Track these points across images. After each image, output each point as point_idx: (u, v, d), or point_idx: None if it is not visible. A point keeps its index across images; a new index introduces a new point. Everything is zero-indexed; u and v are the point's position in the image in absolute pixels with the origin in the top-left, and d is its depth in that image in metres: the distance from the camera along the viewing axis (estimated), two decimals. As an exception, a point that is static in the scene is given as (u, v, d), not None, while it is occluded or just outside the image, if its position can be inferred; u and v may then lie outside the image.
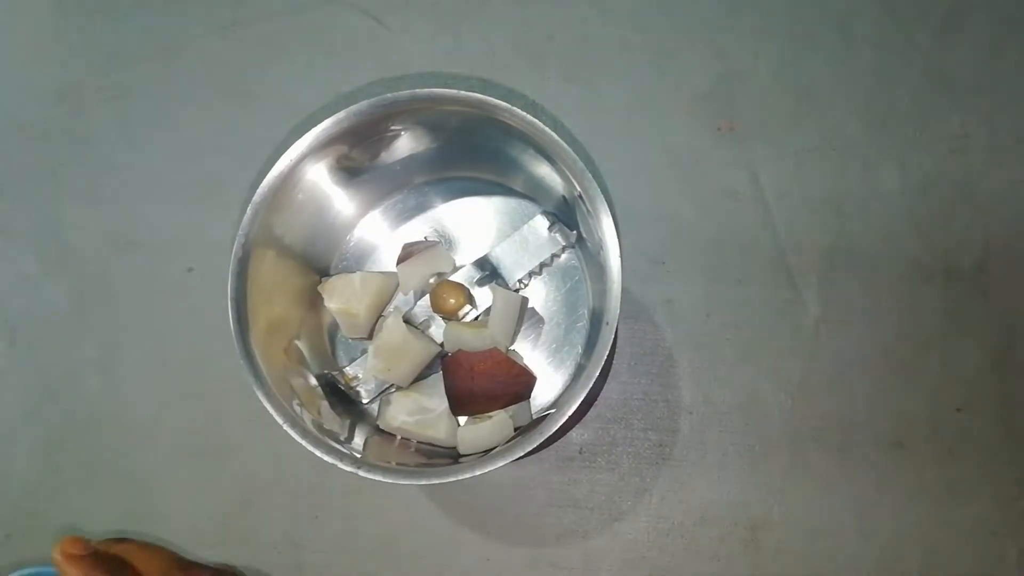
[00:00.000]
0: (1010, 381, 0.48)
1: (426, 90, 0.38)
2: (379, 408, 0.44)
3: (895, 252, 0.49)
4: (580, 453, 0.49)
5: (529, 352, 0.44)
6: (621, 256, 0.36)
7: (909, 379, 0.48)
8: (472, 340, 0.42)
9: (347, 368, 0.44)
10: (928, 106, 0.50)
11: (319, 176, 0.41)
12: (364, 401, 0.44)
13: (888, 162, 0.50)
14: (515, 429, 0.42)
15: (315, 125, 0.39)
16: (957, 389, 0.48)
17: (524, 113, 0.37)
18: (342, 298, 0.43)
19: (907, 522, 0.47)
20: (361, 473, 0.36)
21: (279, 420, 0.37)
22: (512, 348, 0.44)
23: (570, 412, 0.35)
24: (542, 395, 0.44)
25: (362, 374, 0.44)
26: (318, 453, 0.36)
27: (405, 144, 0.43)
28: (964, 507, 0.47)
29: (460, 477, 0.35)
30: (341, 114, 0.38)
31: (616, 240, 0.36)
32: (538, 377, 0.44)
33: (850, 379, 0.48)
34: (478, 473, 0.35)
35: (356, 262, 0.46)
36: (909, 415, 0.48)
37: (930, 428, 0.48)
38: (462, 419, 0.43)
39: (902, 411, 0.48)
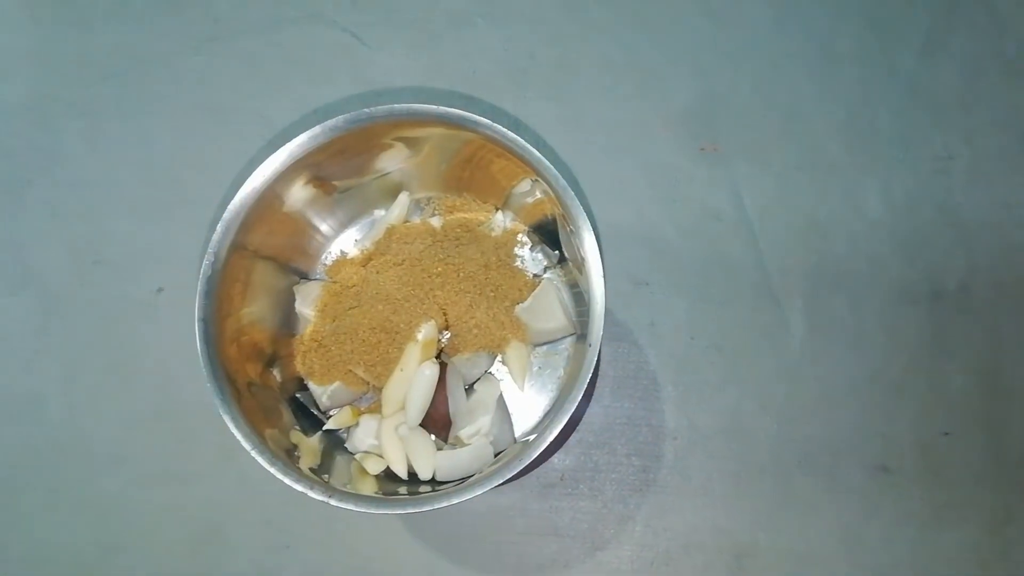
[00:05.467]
0: (996, 404, 0.47)
1: (404, 105, 0.37)
2: (348, 431, 0.42)
3: (879, 273, 0.49)
4: (562, 480, 0.47)
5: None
6: (604, 277, 0.35)
7: (895, 402, 0.47)
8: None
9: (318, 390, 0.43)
10: (911, 125, 0.50)
11: (294, 193, 0.40)
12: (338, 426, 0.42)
13: (871, 182, 0.50)
14: (496, 454, 0.41)
15: (289, 140, 0.38)
16: (943, 412, 0.47)
17: (506, 130, 0.36)
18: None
19: (894, 547, 0.46)
20: (332, 502, 0.34)
21: (247, 446, 0.35)
22: (490, 371, 0.43)
23: (551, 439, 0.34)
24: (524, 419, 0.43)
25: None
26: (287, 481, 0.35)
27: (383, 161, 0.42)
28: (951, 532, 0.46)
29: (436, 507, 0.34)
30: (316, 129, 0.37)
31: (599, 261, 0.35)
32: (521, 400, 0.43)
33: (835, 403, 0.47)
34: (455, 502, 0.34)
35: (331, 282, 0.45)
36: (895, 439, 0.47)
37: (917, 452, 0.47)
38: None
39: (888, 435, 0.47)
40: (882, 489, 0.47)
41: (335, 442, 0.42)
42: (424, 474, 0.39)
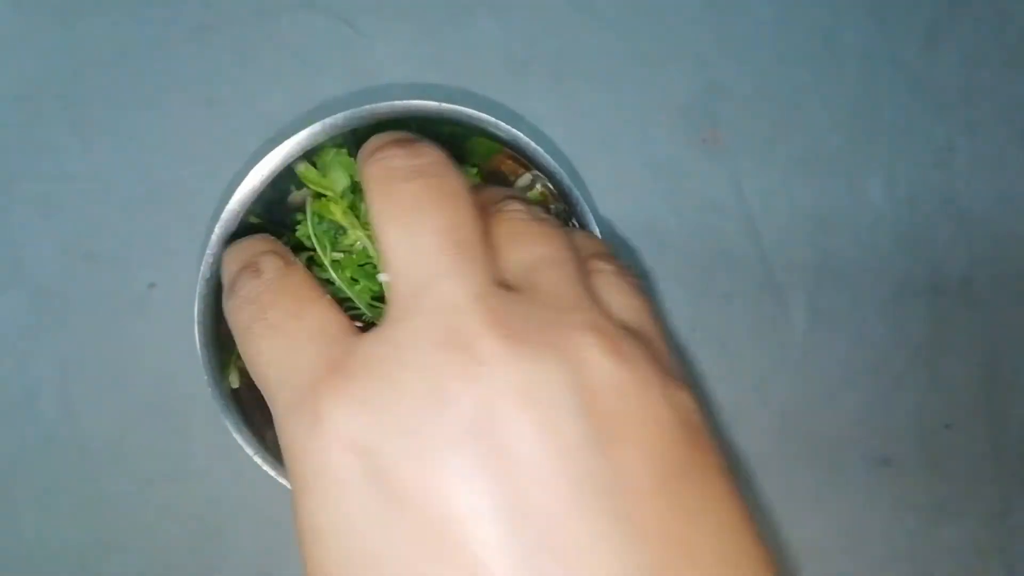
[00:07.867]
0: (997, 397, 0.47)
1: (404, 102, 0.36)
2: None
3: (882, 266, 0.48)
4: (563, 474, 0.47)
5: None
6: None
7: (896, 395, 0.47)
8: None
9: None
10: (913, 118, 0.50)
11: (291, 189, 0.39)
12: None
13: (874, 175, 0.49)
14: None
15: (285, 134, 0.37)
16: (945, 405, 0.47)
17: (509, 127, 0.36)
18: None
19: (895, 540, 0.46)
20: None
21: (250, 452, 0.35)
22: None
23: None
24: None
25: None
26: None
27: (382, 156, 0.41)
28: (952, 524, 0.47)
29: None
30: (316, 126, 0.36)
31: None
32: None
33: (837, 396, 0.48)
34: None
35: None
36: (897, 432, 0.47)
37: (918, 445, 0.47)
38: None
39: (890, 428, 0.47)
40: (883, 481, 0.47)
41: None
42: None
